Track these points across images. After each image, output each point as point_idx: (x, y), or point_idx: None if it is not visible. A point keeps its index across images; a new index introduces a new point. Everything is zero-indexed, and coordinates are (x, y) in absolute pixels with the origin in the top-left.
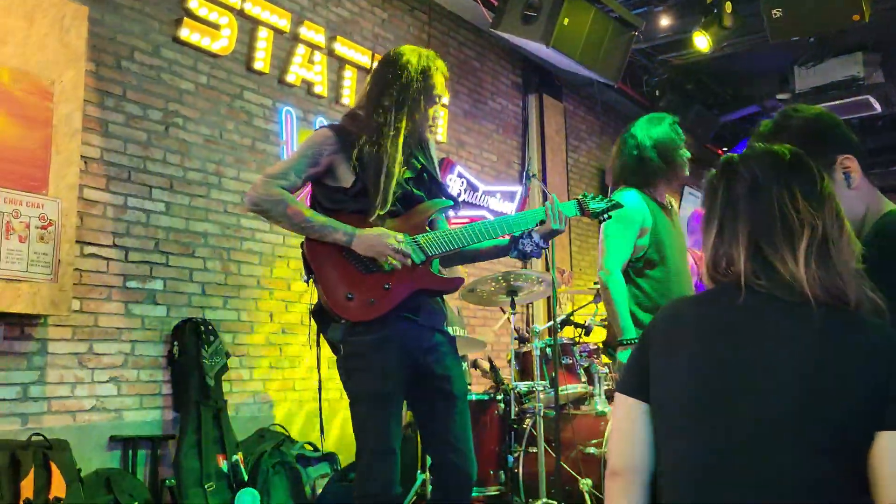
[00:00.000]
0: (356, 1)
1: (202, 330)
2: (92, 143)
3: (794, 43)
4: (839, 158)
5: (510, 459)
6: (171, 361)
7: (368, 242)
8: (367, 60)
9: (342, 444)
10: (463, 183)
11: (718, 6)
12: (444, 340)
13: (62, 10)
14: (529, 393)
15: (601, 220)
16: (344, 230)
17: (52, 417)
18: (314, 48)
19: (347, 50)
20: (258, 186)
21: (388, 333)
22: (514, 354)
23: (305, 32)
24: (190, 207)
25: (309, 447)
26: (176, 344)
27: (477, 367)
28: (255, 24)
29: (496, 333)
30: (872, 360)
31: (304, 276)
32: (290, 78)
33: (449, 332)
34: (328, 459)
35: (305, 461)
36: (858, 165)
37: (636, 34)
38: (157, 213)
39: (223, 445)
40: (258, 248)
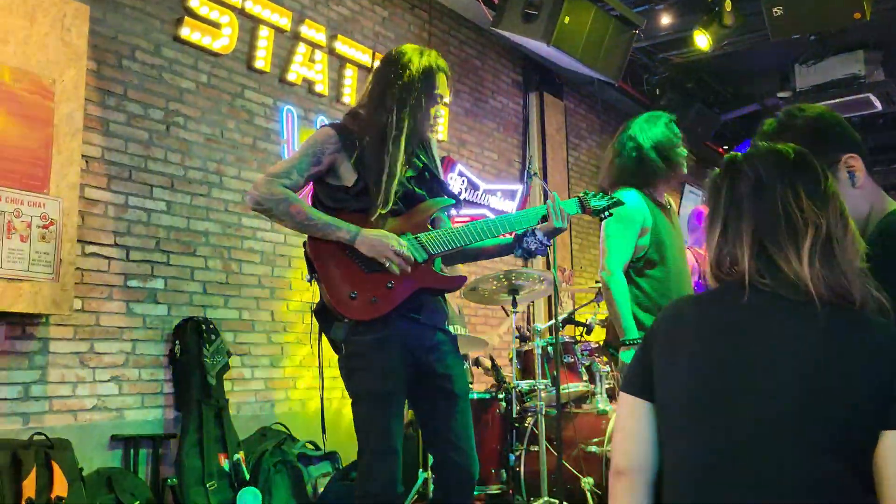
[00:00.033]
0: None
1: (203, 329)
2: (93, 142)
3: (794, 41)
4: (843, 157)
5: (511, 458)
6: (172, 360)
7: (371, 242)
8: (367, 59)
9: (343, 442)
10: (464, 181)
11: (719, 4)
12: (445, 339)
13: (63, 9)
14: (531, 391)
15: (602, 217)
16: (347, 228)
17: (53, 417)
18: (315, 47)
19: (348, 48)
20: (260, 185)
21: (390, 332)
22: (515, 353)
23: (306, 31)
24: (191, 206)
25: (310, 446)
26: (177, 343)
27: (479, 364)
28: (255, 22)
29: (501, 337)
30: (877, 359)
31: (307, 276)
32: (290, 77)
33: (450, 330)
34: (330, 458)
35: (307, 460)
36: (863, 164)
37: (637, 32)
38: (158, 212)
39: (225, 444)
40: (259, 246)
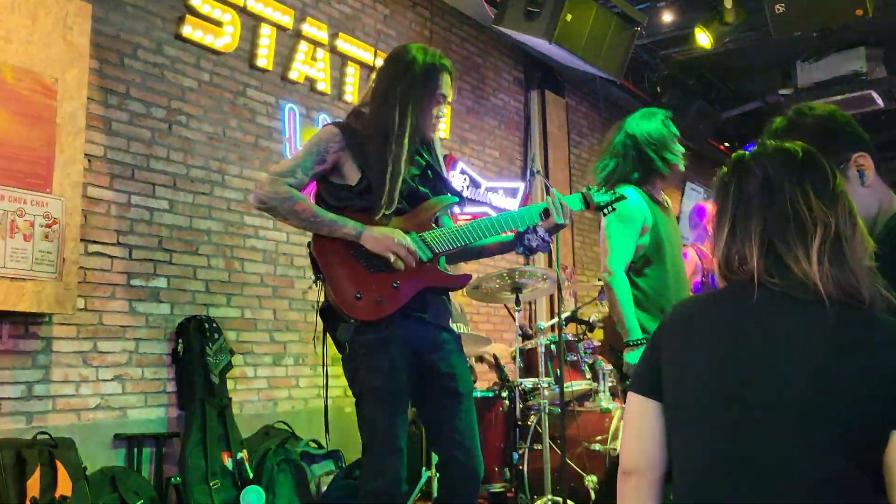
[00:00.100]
0: None
1: (206, 327)
2: (95, 141)
3: (796, 38)
4: (853, 156)
5: (515, 456)
6: (175, 359)
7: (376, 237)
8: (369, 57)
9: (346, 441)
10: (465, 179)
11: (720, 2)
12: (450, 338)
13: (65, 7)
14: (534, 390)
15: (605, 212)
16: (353, 225)
17: (56, 416)
18: (317, 45)
19: (350, 46)
20: (265, 184)
21: (395, 332)
22: (518, 351)
23: (308, 29)
24: (193, 205)
25: (313, 444)
26: (180, 342)
27: (483, 360)
28: (257, 21)
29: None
30: (886, 358)
31: (312, 276)
32: (292, 75)
33: (454, 329)
34: (332, 457)
35: (310, 458)
36: (872, 163)
37: (639, 30)
38: (160, 210)
39: (228, 443)
40: (261, 245)
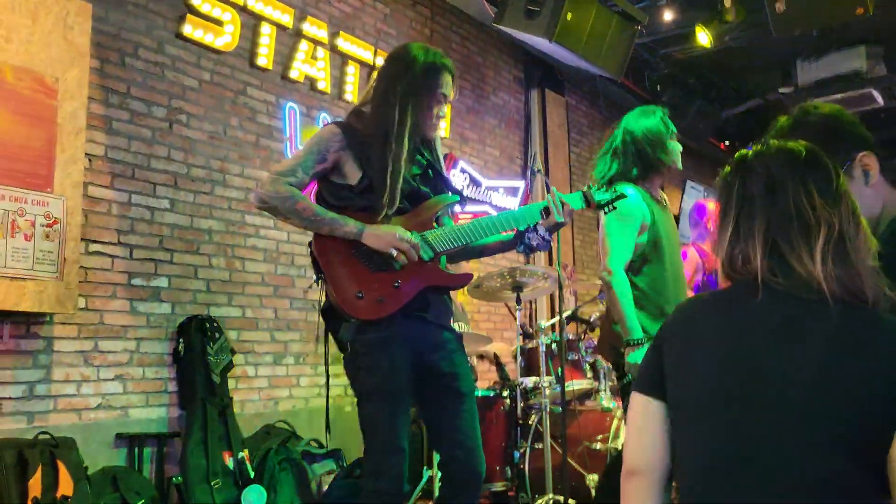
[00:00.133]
0: None
1: (207, 327)
2: (96, 140)
3: (796, 36)
4: (858, 155)
5: (516, 455)
6: (176, 359)
7: (377, 234)
8: (369, 56)
9: (347, 440)
10: (466, 178)
11: (720, 0)
12: (451, 338)
13: (66, 7)
14: (535, 389)
15: (606, 211)
16: (353, 224)
17: (58, 415)
18: (317, 44)
19: (350, 45)
20: (266, 184)
21: (396, 331)
22: (519, 350)
23: (308, 28)
24: (194, 204)
25: (314, 444)
26: (181, 341)
27: (484, 357)
28: (257, 19)
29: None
30: (890, 358)
31: (313, 276)
32: (293, 74)
33: (455, 328)
34: (333, 456)
35: (311, 458)
36: (877, 162)
37: (639, 29)
38: (161, 210)
39: (229, 442)
40: (262, 244)
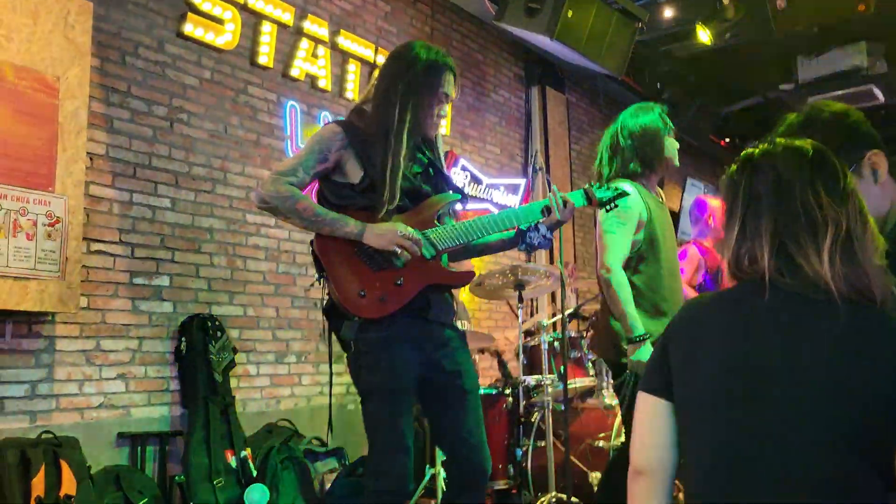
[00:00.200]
0: None
1: (209, 326)
2: (97, 139)
3: (797, 33)
4: (868, 154)
5: (519, 453)
6: (178, 357)
7: (377, 233)
8: (370, 54)
9: (349, 438)
10: (467, 176)
11: None
12: (454, 336)
13: (67, 6)
14: (537, 387)
15: (608, 208)
16: (354, 224)
17: (60, 415)
18: (318, 42)
19: (350, 43)
20: (267, 184)
21: (399, 330)
22: (521, 348)
23: (309, 26)
24: (195, 203)
25: (316, 442)
26: (183, 340)
27: (485, 352)
28: (258, 18)
29: (508, 340)
30: None
31: (315, 275)
32: (294, 72)
33: (458, 326)
34: (336, 454)
35: (313, 456)
36: (885, 161)
37: (640, 26)
38: (162, 208)
39: (231, 441)
40: (264, 243)
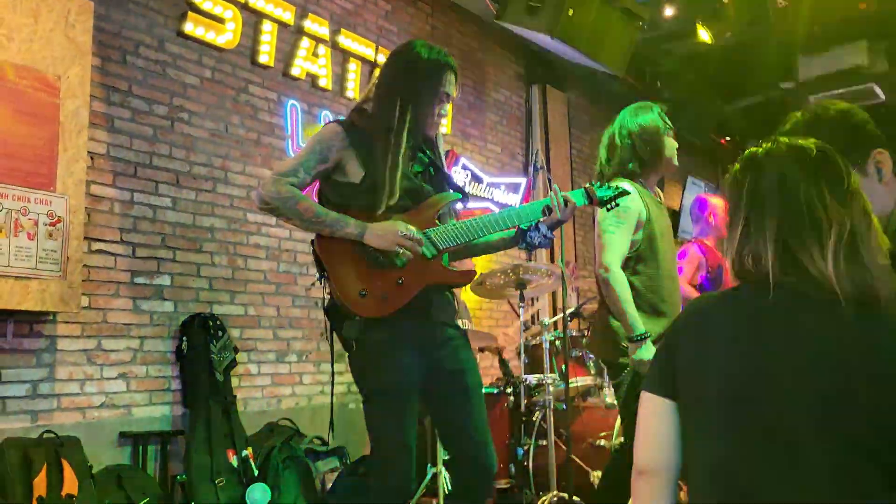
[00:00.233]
0: None
1: (210, 325)
2: (98, 138)
3: (797, 32)
4: (872, 153)
5: (520, 452)
6: (179, 357)
7: (378, 233)
8: (370, 53)
9: (350, 438)
10: (467, 175)
11: None
12: (455, 334)
13: (67, 5)
14: (539, 386)
15: (609, 207)
16: (355, 225)
17: (61, 414)
18: (318, 41)
19: (351, 42)
20: (267, 184)
21: (400, 329)
22: (523, 347)
23: (309, 25)
24: (196, 202)
25: (317, 441)
26: (184, 339)
27: (485, 350)
28: (259, 17)
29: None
30: None
31: (316, 274)
32: (294, 71)
33: (459, 325)
34: (337, 453)
35: (315, 455)
36: (890, 160)
37: (641, 25)
38: (163, 208)
39: (233, 440)
40: (265, 242)
